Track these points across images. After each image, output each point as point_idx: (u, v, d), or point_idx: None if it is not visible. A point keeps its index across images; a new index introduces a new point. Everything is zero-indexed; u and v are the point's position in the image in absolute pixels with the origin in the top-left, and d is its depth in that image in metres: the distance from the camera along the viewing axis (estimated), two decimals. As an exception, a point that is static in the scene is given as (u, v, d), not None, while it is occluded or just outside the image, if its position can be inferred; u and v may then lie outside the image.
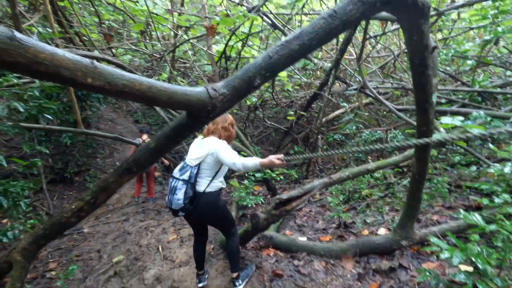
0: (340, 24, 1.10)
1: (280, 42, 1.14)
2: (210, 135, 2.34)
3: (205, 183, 2.30)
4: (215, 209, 2.36)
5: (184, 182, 2.24)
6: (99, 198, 1.21)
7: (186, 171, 2.28)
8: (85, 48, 6.06)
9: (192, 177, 2.24)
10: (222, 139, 2.31)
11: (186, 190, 2.22)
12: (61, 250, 4.25)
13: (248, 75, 1.11)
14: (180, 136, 1.16)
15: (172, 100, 0.94)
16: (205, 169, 2.30)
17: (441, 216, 3.00)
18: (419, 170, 2.12)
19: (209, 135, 2.34)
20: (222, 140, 2.30)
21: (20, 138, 7.51)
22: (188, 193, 2.23)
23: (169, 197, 2.30)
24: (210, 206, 2.33)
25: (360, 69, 4.53)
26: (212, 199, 2.33)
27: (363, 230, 3.21)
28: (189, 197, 2.24)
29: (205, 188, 2.30)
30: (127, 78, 0.79)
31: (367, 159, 5.89)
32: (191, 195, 2.24)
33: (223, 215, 2.46)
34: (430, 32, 4.85)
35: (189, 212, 2.30)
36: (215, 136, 2.32)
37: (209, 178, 2.32)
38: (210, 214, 2.38)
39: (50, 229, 1.25)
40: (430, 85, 1.58)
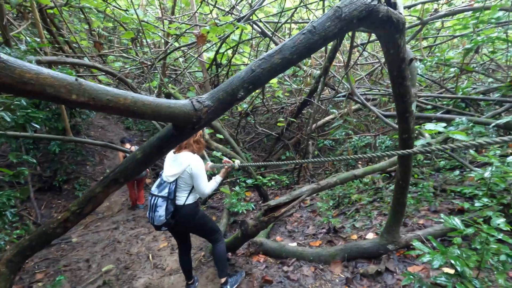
0: (319, 39, 1.16)
1: (262, 56, 1.19)
2: (183, 150, 2.40)
3: (184, 197, 2.39)
4: (195, 219, 2.46)
5: (164, 198, 2.31)
6: (85, 209, 1.22)
7: (165, 187, 2.35)
8: (75, 56, 6.04)
9: (171, 193, 2.32)
10: (195, 152, 2.43)
11: (167, 206, 2.30)
12: (48, 261, 4.17)
13: (231, 88, 1.15)
14: (166, 147, 1.19)
15: (156, 113, 0.97)
16: (183, 184, 2.37)
17: (427, 220, 3.07)
18: (403, 176, 2.18)
19: (182, 150, 2.40)
20: (197, 156, 2.40)
21: (6, 147, 7.37)
22: (169, 208, 2.31)
23: (151, 214, 2.36)
24: (190, 217, 2.43)
25: (348, 76, 4.64)
26: (192, 211, 2.42)
27: (352, 235, 3.26)
28: (171, 212, 2.32)
29: (185, 202, 2.39)
30: (111, 93, 0.82)
31: (357, 164, 5.98)
32: (172, 210, 2.33)
33: (204, 223, 2.55)
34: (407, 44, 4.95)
35: (171, 226, 2.39)
36: (188, 150, 2.40)
37: (187, 191, 2.40)
38: (191, 225, 2.48)
39: (36, 240, 1.25)
40: (409, 95, 1.65)
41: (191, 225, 2.48)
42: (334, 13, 1.14)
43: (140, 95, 0.93)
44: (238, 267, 3.01)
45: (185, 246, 2.74)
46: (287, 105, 6.65)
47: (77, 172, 7.80)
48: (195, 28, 4.88)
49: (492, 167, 2.34)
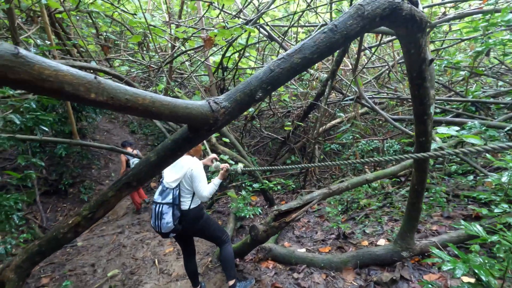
0: (340, 38, 1.12)
1: (281, 55, 1.15)
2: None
3: (188, 201, 2.41)
4: (201, 222, 2.49)
5: (169, 205, 2.32)
6: (97, 213, 1.18)
7: (168, 194, 2.35)
8: (82, 60, 6.07)
9: (176, 198, 2.33)
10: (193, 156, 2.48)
11: (174, 212, 2.31)
12: (54, 265, 4.14)
13: (249, 88, 1.12)
14: (180, 149, 1.15)
15: (174, 114, 0.93)
16: (185, 189, 2.39)
17: (440, 226, 2.99)
18: (419, 180, 2.12)
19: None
20: (196, 160, 2.45)
21: (13, 150, 7.41)
22: (176, 214, 2.32)
23: (156, 223, 2.35)
24: (196, 221, 2.46)
25: (355, 80, 4.59)
26: (198, 214, 2.46)
27: (362, 241, 3.19)
28: (178, 218, 2.33)
29: (190, 206, 2.41)
30: (130, 92, 0.78)
31: (364, 168, 5.90)
32: (179, 215, 2.34)
33: (209, 225, 2.57)
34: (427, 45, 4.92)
35: (179, 231, 2.39)
36: (187, 154, 2.44)
37: (190, 195, 2.42)
38: (198, 228, 2.49)
39: (46, 246, 1.21)
40: (428, 97, 1.60)
41: (196, 228, 2.48)
42: (356, 11, 1.10)
43: (158, 95, 0.90)
44: (246, 273, 2.95)
45: (189, 251, 2.73)
46: (293, 109, 6.60)
47: (83, 175, 7.81)
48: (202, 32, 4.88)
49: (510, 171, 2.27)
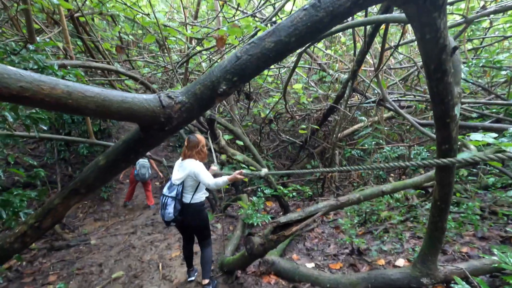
0: (325, 16, 0.88)
1: (251, 40, 0.93)
2: (187, 158, 2.82)
3: (189, 197, 2.79)
4: (199, 217, 2.82)
5: (172, 198, 2.73)
6: (44, 222, 1.04)
7: (174, 189, 2.76)
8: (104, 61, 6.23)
9: (178, 193, 2.74)
10: (198, 160, 2.80)
11: (175, 205, 2.71)
12: (64, 262, 4.19)
13: (211, 80, 0.92)
14: (132, 152, 0.98)
15: (103, 109, 0.75)
16: (188, 186, 2.78)
17: (472, 248, 2.58)
18: (442, 196, 1.79)
19: (186, 158, 2.82)
20: (199, 162, 2.78)
21: (43, 147, 7.81)
22: (176, 207, 2.72)
23: (162, 212, 2.77)
24: (195, 215, 2.79)
25: (378, 81, 4.22)
26: (198, 208, 2.81)
27: (378, 260, 2.84)
28: (178, 210, 2.72)
29: (190, 200, 2.78)
30: (29, 79, 0.62)
31: (388, 177, 5.45)
32: (179, 208, 2.74)
33: (205, 226, 2.89)
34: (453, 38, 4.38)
35: (179, 221, 2.78)
36: (193, 158, 2.80)
37: (192, 192, 2.80)
38: (196, 222, 2.82)
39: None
40: (450, 95, 1.29)
41: (195, 222, 2.82)
42: (346, -19, 0.86)
43: (81, 85, 0.72)
44: (246, 287, 2.73)
45: (188, 238, 3.09)
46: (313, 112, 6.29)
47: (104, 174, 8.04)
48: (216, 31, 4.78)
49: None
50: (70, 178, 7.44)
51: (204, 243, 2.89)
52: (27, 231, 1.05)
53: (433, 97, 1.34)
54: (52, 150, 7.00)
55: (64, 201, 1.03)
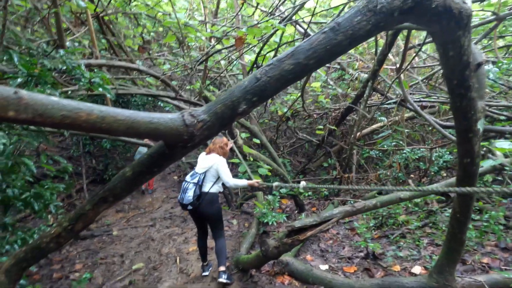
0: (344, 40, 0.89)
1: (270, 61, 0.96)
2: (211, 152, 3.14)
3: (209, 186, 3.05)
4: (213, 206, 3.06)
5: (194, 184, 3.00)
6: (76, 225, 1.14)
7: (196, 177, 3.05)
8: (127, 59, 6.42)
9: (200, 181, 3.01)
10: (220, 156, 3.09)
11: (195, 190, 2.96)
12: (89, 251, 4.44)
13: (231, 100, 0.96)
14: (157, 166, 1.04)
15: (133, 131, 0.81)
16: (209, 176, 3.06)
17: (493, 260, 2.50)
18: (462, 208, 1.75)
19: (211, 152, 3.14)
20: (222, 158, 3.07)
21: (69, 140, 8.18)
22: (196, 192, 2.96)
23: (182, 195, 3.04)
24: (210, 203, 3.03)
25: (400, 81, 4.11)
26: (213, 198, 3.07)
27: (394, 265, 2.82)
28: (197, 195, 2.96)
29: (209, 190, 3.04)
30: (69, 108, 0.68)
31: (407, 179, 5.33)
32: (198, 194, 2.97)
33: (219, 217, 3.13)
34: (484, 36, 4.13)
35: (195, 206, 2.97)
36: (215, 153, 3.10)
37: (212, 182, 3.08)
38: (210, 211, 3.04)
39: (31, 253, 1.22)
40: (473, 110, 1.27)
41: (209, 211, 3.04)
42: (366, 4, 0.87)
43: (111, 109, 0.78)
44: (260, 286, 2.80)
45: (203, 232, 3.30)
46: (330, 111, 6.21)
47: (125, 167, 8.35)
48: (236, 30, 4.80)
49: None
50: (94, 170, 7.81)
51: (217, 234, 3.12)
52: (62, 233, 1.16)
53: (455, 112, 1.31)
54: (78, 144, 7.35)
55: (94, 207, 1.11)
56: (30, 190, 3.02)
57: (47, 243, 1.17)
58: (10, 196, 2.79)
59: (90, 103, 0.80)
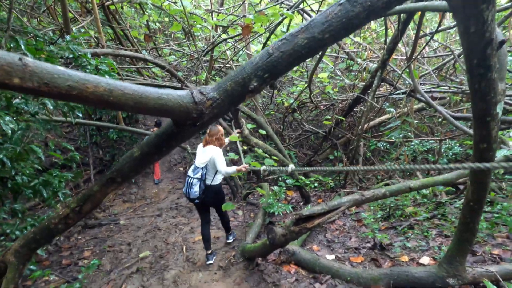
0: (362, 11, 0.85)
1: (283, 36, 0.92)
2: (208, 144, 3.21)
3: (210, 178, 3.21)
4: (218, 196, 3.32)
5: (198, 179, 3.14)
6: (84, 207, 1.13)
7: (198, 172, 3.17)
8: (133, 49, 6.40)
9: (203, 175, 3.15)
10: (217, 147, 3.18)
11: (200, 185, 3.13)
12: (97, 239, 4.50)
13: (242, 76, 0.92)
14: (165, 145, 1.01)
15: (141, 105, 0.79)
16: (210, 169, 3.19)
17: (505, 251, 2.45)
18: (476, 197, 1.70)
19: (208, 144, 3.22)
20: (219, 149, 3.17)
21: (77, 131, 8.25)
22: (201, 187, 3.13)
23: (187, 191, 3.17)
24: (215, 195, 3.27)
25: (410, 71, 4.01)
26: (217, 189, 3.29)
27: (401, 256, 2.79)
28: (202, 189, 3.14)
29: (211, 182, 3.21)
30: (75, 78, 0.66)
31: (415, 171, 5.25)
32: (203, 188, 3.15)
33: (223, 202, 3.35)
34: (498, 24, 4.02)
35: (202, 199, 3.19)
36: (212, 145, 3.19)
37: (213, 174, 3.21)
38: (215, 199, 3.30)
39: (40, 234, 1.22)
40: (493, 92, 1.21)
41: (214, 199, 3.28)
42: (386, -27, 0.82)
43: (121, 83, 0.76)
44: (266, 274, 2.80)
45: (206, 220, 3.47)
46: (338, 102, 6.13)
47: (132, 158, 8.40)
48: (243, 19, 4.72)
49: None
50: (101, 160, 7.87)
51: (222, 214, 3.55)
52: (70, 214, 1.15)
53: (473, 94, 1.26)
54: (85, 134, 7.40)
55: (102, 188, 1.10)
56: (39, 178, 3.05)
57: (55, 224, 1.17)
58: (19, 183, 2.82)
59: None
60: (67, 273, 3.37)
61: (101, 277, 3.24)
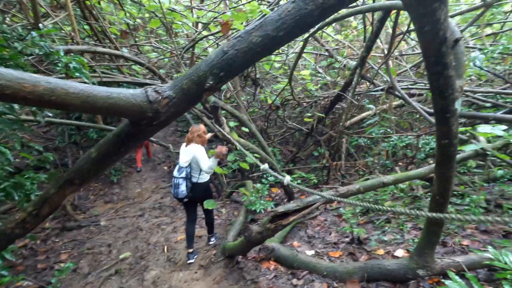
0: (314, 9, 0.85)
1: (238, 34, 0.92)
2: (190, 143, 3.24)
3: (196, 176, 3.26)
4: (206, 193, 3.37)
5: (183, 178, 3.19)
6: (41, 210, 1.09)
7: (183, 171, 3.21)
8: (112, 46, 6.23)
9: (188, 174, 3.21)
10: (199, 144, 3.23)
11: (186, 184, 3.19)
12: (75, 242, 4.39)
13: (198, 75, 0.91)
14: (124, 145, 0.99)
15: (88, 105, 0.76)
16: (194, 167, 3.24)
17: (473, 242, 2.56)
18: (441, 190, 1.76)
19: (190, 143, 3.24)
20: (201, 147, 3.21)
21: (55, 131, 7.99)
22: (188, 185, 3.20)
23: (175, 191, 3.21)
24: (203, 192, 3.32)
25: (387, 68, 4.10)
26: (206, 186, 3.37)
27: (378, 249, 2.86)
28: (190, 188, 3.21)
29: (197, 180, 3.26)
30: (8, 77, 0.63)
31: (394, 166, 5.38)
32: (190, 186, 3.21)
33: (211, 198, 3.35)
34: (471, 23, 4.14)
35: (190, 197, 3.24)
36: (194, 142, 3.22)
37: (198, 172, 3.25)
38: (204, 196, 3.30)
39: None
40: (451, 89, 1.25)
41: (203, 196, 3.28)
42: (336, -29, 0.83)
43: (64, 82, 0.73)
44: (246, 272, 2.81)
45: (192, 217, 3.48)
46: (320, 99, 6.19)
47: (114, 158, 8.21)
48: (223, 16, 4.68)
49: None
50: (81, 161, 7.68)
51: (208, 212, 3.54)
52: (27, 218, 1.11)
53: (433, 91, 1.29)
54: (63, 134, 7.17)
55: (59, 191, 1.07)
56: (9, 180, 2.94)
57: (12, 229, 1.13)
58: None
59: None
60: (42, 278, 3.27)
61: (78, 280, 3.16)
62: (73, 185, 1.06)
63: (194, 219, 3.54)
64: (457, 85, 1.28)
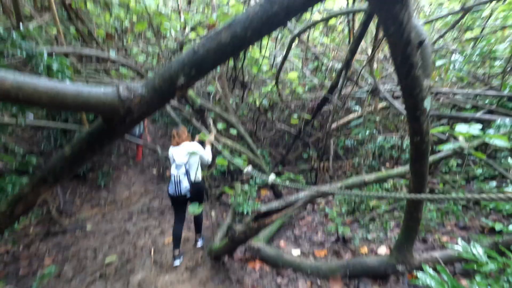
0: (280, 11, 0.89)
1: (208, 34, 0.95)
2: (182, 142, 3.27)
3: (193, 174, 3.26)
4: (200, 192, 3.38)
5: (184, 174, 3.20)
6: (16, 209, 1.09)
7: (181, 167, 3.20)
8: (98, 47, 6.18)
9: (187, 170, 3.21)
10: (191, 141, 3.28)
11: (188, 178, 3.21)
12: (60, 247, 4.30)
13: (169, 73, 0.94)
14: (97, 143, 1.00)
15: (57, 102, 0.78)
16: (191, 164, 3.27)
17: (452, 238, 2.64)
18: (416, 186, 1.82)
19: (180, 143, 3.27)
20: (195, 142, 3.29)
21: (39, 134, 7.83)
22: (189, 180, 3.21)
23: (176, 189, 3.19)
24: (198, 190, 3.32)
25: (371, 70, 4.20)
26: (201, 185, 3.39)
27: (361, 247, 2.91)
28: (191, 183, 3.21)
29: (195, 178, 3.27)
30: (-27, 74, 0.64)
31: (381, 166, 5.48)
32: (192, 181, 3.22)
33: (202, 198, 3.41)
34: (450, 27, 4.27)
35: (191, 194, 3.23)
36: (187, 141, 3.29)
37: (195, 170, 3.28)
38: (198, 196, 3.32)
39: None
40: (419, 88, 1.31)
41: (197, 196, 3.30)
42: (299, -25, 0.87)
43: (32, 79, 0.74)
44: (231, 272, 2.81)
45: (180, 218, 3.47)
46: (308, 102, 6.27)
47: (102, 161, 8.10)
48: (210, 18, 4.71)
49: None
50: (67, 165, 7.54)
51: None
52: (0, 218, 1.10)
53: (403, 90, 1.35)
54: (48, 138, 7.04)
55: (34, 189, 1.07)
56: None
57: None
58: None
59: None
60: (24, 284, 3.20)
61: (61, 285, 3.10)
62: (47, 183, 1.06)
63: (183, 219, 3.52)
64: (425, 85, 1.34)
